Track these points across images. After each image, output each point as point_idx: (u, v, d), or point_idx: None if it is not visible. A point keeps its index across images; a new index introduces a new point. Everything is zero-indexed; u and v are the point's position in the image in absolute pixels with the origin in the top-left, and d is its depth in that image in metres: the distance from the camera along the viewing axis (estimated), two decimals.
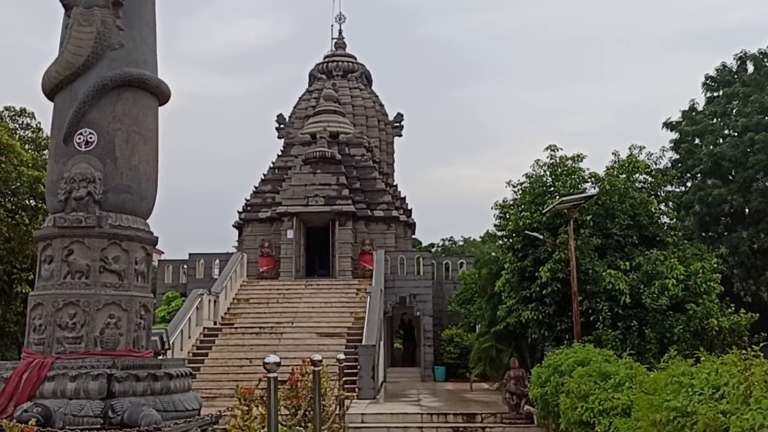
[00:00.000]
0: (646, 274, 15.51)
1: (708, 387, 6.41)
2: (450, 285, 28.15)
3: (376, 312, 20.58)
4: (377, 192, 30.44)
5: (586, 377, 10.91)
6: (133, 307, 7.67)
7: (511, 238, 17.71)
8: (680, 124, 31.91)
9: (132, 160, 7.83)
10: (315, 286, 25.84)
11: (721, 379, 6.45)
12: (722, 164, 28.99)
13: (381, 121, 36.02)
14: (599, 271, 15.60)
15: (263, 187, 30.95)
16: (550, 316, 16.23)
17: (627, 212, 16.77)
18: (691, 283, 15.41)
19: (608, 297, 15.37)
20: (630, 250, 16.66)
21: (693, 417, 6.07)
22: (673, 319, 15.00)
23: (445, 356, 25.37)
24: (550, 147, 18.12)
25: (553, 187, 17.66)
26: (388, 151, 36.34)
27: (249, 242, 29.47)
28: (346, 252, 28.39)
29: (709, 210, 28.64)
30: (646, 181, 18.73)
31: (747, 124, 28.02)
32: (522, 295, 16.84)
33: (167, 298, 25.63)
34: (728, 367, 6.73)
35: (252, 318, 22.79)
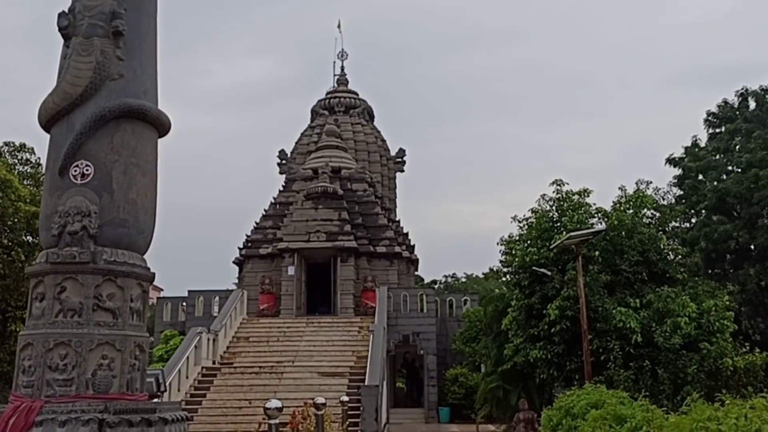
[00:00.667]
0: (657, 312, 15.12)
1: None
2: (454, 323, 27.65)
3: (378, 351, 20.07)
4: (379, 228, 30.15)
5: (600, 421, 10.44)
6: (128, 347, 7.28)
7: (518, 275, 17.36)
8: (683, 160, 31.71)
9: (129, 193, 7.53)
10: (316, 323, 25.36)
11: (752, 426, 6.06)
12: (727, 200, 28.69)
13: (383, 156, 35.94)
14: (609, 308, 15.21)
15: (264, 222, 30.68)
16: (559, 356, 15.79)
17: (636, 248, 16.46)
18: (703, 321, 15.01)
19: (619, 336, 14.96)
20: (640, 287, 16.30)
21: None
22: (686, 358, 14.56)
23: (449, 396, 24.74)
24: (556, 182, 17.92)
25: (560, 223, 17.39)
26: (390, 187, 36.17)
27: (249, 279, 29.06)
28: (348, 289, 27.96)
29: (715, 246, 28.22)
30: (653, 217, 18.46)
31: (751, 160, 27.81)
32: (529, 333, 16.42)
33: (165, 336, 25.13)
34: (758, 411, 6.34)
35: (252, 357, 22.26)
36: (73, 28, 7.58)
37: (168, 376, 17.73)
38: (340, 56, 37.83)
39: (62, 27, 7.58)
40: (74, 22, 7.60)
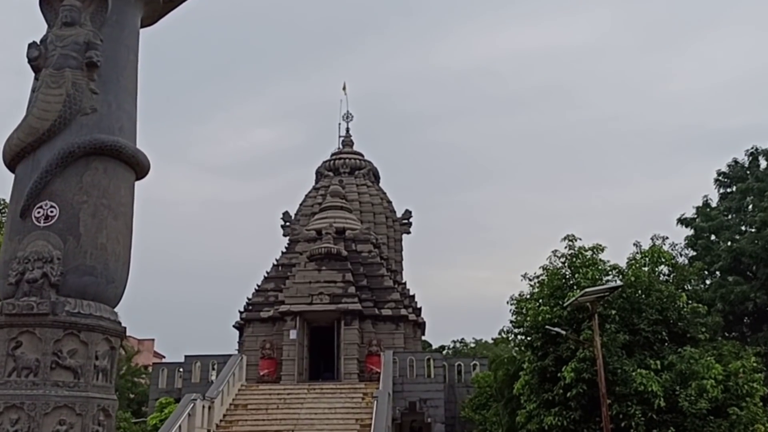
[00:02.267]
0: (680, 374, 14.09)
1: None
2: (463, 389, 26.33)
3: (383, 418, 18.87)
4: (385, 290, 29.22)
5: None
6: (90, 411, 6.43)
7: (530, 335, 16.40)
8: (695, 221, 31.01)
9: (98, 238, 6.82)
10: (318, 390, 24.14)
11: None
12: (742, 260, 27.85)
13: (389, 218, 35.34)
14: (628, 370, 14.19)
15: (266, 285, 29.83)
16: (576, 422, 14.66)
17: (654, 306, 15.55)
18: (731, 383, 13.96)
19: (640, 400, 13.89)
20: (660, 348, 15.33)
21: None
22: (714, 425, 13.46)
23: None
24: (568, 237, 17.15)
25: (573, 280, 16.55)
26: (396, 249, 35.41)
27: (250, 343, 27.99)
28: (352, 353, 26.83)
29: (732, 308, 27.18)
30: (670, 274, 17.59)
31: (765, 219, 27.07)
32: (543, 398, 15.34)
33: (160, 404, 23.93)
34: None
35: (249, 426, 21.03)
36: (44, 60, 7.05)
37: None
38: (345, 118, 37.75)
39: (32, 58, 7.05)
40: (45, 53, 7.08)
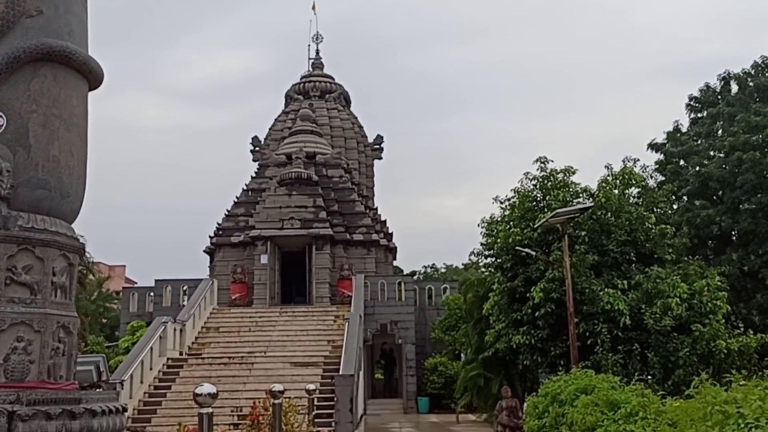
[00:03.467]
0: (646, 294, 14.33)
1: (765, 417, 5.13)
2: (433, 311, 26.76)
3: (354, 340, 19.08)
4: (356, 215, 29.12)
5: (591, 407, 9.61)
6: (49, 328, 6.21)
7: (500, 257, 16.47)
8: (665, 146, 31.14)
9: (50, 149, 6.44)
10: (290, 313, 24.30)
11: None
12: (709, 185, 28.18)
13: (360, 143, 34.88)
14: (596, 290, 14.39)
15: (236, 210, 29.51)
16: (544, 341, 14.94)
17: (623, 227, 15.66)
18: (695, 302, 14.24)
19: (607, 318, 14.14)
20: (627, 268, 15.53)
21: None
22: (677, 341, 13.78)
23: (428, 386, 23.87)
24: (540, 159, 17.02)
25: (544, 202, 16.53)
26: (367, 174, 35.13)
27: (221, 268, 27.90)
28: (324, 277, 26.94)
29: (698, 232, 27.66)
30: (639, 197, 17.67)
31: (734, 144, 27.23)
32: (512, 318, 15.56)
33: (132, 327, 23.95)
34: None
35: (221, 347, 21.16)
36: None
37: (129, 368, 16.68)
38: (315, 39, 36.61)
39: None
40: None
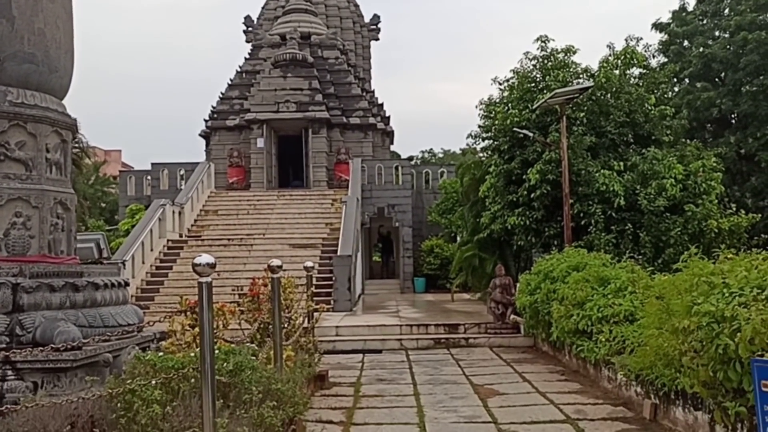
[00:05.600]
0: (642, 175, 14.35)
1: (750, 287, 5.28)
2: (430, 195, 26.98)
3: (352, 222, 19.37)
4: (353, 98, 28.68)
5: (582, 283, 9.89)
6: (46, 204, 6.25)
7: (497, 139, 16.35)
8: (670, 26, 30.19)
9: (35, 21, 6.20)
10: (288, 196, 24.48)
11: (767, 277, 5.33)
12: (712, 66, 27.62)
13: (356, 23, 33.76)
14: (592, 171, 14.40)
15: (230, 93, 28.99)
16: (538, 222, 15.13)
17: (622, 109, 15.44)
18: (690, 183, 14.30)
19: (601, 199, 14.25)
20: (624, 150, 15.46)
21: (733, 322, 4.96)
22: (669, 221, 13.96)
23: (424, 267, 24.49)
24: (541, 38, 16.51)
25: (543, 83, 16.18)
26: (364, 56, 34.26)
27: (217, 152, 27.80)
28: (321, 161, 26.93)
29: (697, 114, 27.42)
30: (641, 77, 17.31)
31: (740, 23, 26.44)
32: (508, 200, 15.66)
33: (130, 210, 24.16)
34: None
35: (220, 230, 21.50)
36: None
37: (130, 249, 16.99)
38: None
39: None
40: None
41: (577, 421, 6.82)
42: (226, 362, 5.55)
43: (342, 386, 8.98)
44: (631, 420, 6.83)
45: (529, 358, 11.28)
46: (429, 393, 8.45)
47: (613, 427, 6.58)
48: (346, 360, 11.35)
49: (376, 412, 7.50)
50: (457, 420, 6.98)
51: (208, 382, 4.16)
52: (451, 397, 8.15)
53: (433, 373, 9.96)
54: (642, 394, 7.12)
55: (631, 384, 7.45)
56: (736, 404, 4.96)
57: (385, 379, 9.58)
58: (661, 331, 6.42)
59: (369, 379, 9.60)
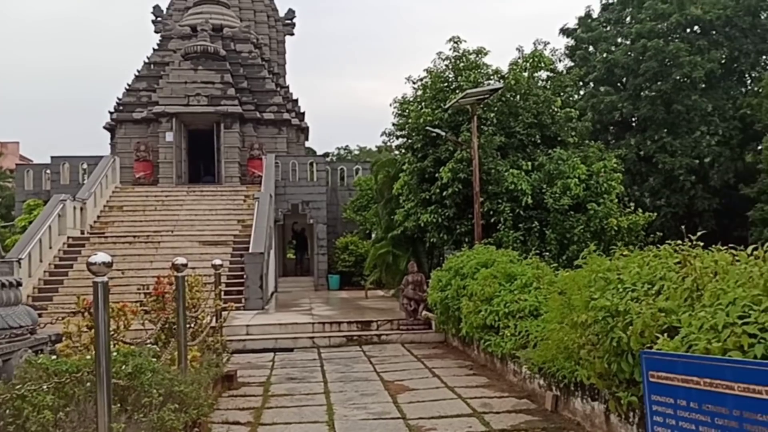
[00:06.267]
0: (548, 174, 14.88)
1: (642, 283, 5.55)
2: (345, 192, 26.98)
3: (264, 218, 19.08)
4: (267, 93, 28.25)
5: (490, 279, 10.13)
6: None
7: (411, 137, 16.52)
8: (576, 31, 31.47)
9: None
10: (198, 192, 23.86)
11: (657, 273, 5.62)
12: (615, 71, 28.98)
13: (271, 17, 33.27)
14: (502, 171, 14.79)
15: (137, 84, 27.93)
16: (450, 219, 15.41)
17: (530, 110, 15.94)
18: (592, 182, 14.93)
19: (510, 198, 14.66)
20: (532, 150, 15.96)
21: (626, 316, 5.20)
22: (573, 219, 14.54)
23: (339, 264, 24.47)
24: (453, 39, 16.81)
25: (455, 83, 16.49)
26: (279, 51, 33.83)
27: (123, 145, 26.71)
28: (233, 157, 26.39)
29: (601, 117, 28.73)
30: (548, 80, 17.93)
31: (640, 31, 27.87)
32: (421, 197, 15.87)
33: (28, 206, 22.90)
34: (663, 259, 5.91)
35: (126, 226, 20.68)
36: None
37: (26, 246, 16.14)
38: None
39: None
40: None
41: (483, 414, 6.98)
42: (125, 365, 5.34)
43: (251, 386, 8.82)
44: (533, 412, 7.05)
45: (440, 354, 11.46)
46: (340, 391, 8.43)
47: (516, 419, 6.76)
48: (257, 359, 11.17)
49: (285, 411, 7.40)
50: (366, 417, 7.00)
51: (103, 385, 3.97)
52: (361, 394, 8.16)
53: (344, 370, 9.94)
54: (544, 387, 7.36)
55: (534, 377, 7.69)
56: (629, 394, 5.20)
57: (296, 377, 9.48)
58: (562, 325, 6.65)
59: (279, 378, 9.48)
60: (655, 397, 3.89)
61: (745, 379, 3.25)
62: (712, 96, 26.77)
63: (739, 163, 26.33)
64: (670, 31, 27.67)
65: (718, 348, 3.79)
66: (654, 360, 3.97)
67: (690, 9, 26.88)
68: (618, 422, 5.62)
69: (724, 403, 3.36)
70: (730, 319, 3.94)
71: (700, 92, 26.50)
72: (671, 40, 26.97)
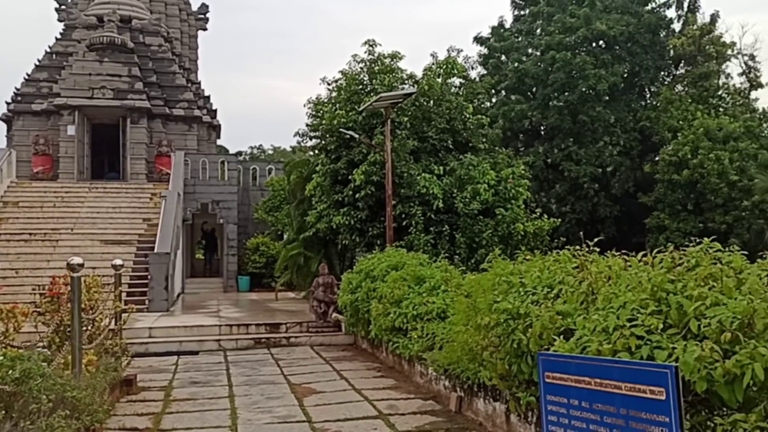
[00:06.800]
0: (459, 179, 15.16)
1: (542, 286, 5.73)
2: (257, 192, 26.56)
3: (171, 217, 18.50)
4: (177, 88, 27.42)
5: (400, 282, 10.21)
6: None
7: (325, 139, 16.45)
8: (489, 40, 32.26)
9: None
10: (101, 189, 22.84)
11: (556, 277, 5.82)
12: (525, 81, 29.88)
13: (183, 10, 32.33)
14: (414, 174, 14.97)
15: (38, 74, 26.48)
16: (363, 221, 15.44)
17: (443, 116, 16.21)
18: (501, 188, 15.34)
19: (422, 201, 14.85)
20: (444, 155, 16.23)
21: (527, 319, 5.35)
22: (482, 223, 14.89)
23: (250, 266, 24.04)
24: (369, 42, 16.86)
25: (370, 86, 16.55)
26: (191, 46, 32.93)
27: (20, 138, 25.26)
28: (140, 153, 25.44)
29: (512, 125, 29.55)
30: (461, 87, 18.30)
31: (550, 43, 28.90)
32: (334, 199, 15.82)
33: None
34: (562, 264, 6.13)
35: (21, 223, 19.51)
36: None
37: None
38: None
39: None
40: None
41: (388, 416, 7.01)
42: (12, 369, 5.04)
43: (152, 391, 8.51)
44: (438, 413, 7.14)
45: (349, 356, 11.45)
46: (245, 394, 8.26)
47: (421, 420, 6.84)
48: (159, 363, 10.79)
49: (187, 416, 7.19)
50: (271, 420, 6.89)
51: None
52: (267, 398, 8.03)
53: (251, 373, 9.76)
54: (449, 388, 7.48)
55: (440, 378, 7.80)
56: (528, 394, 5.36)
57: (200, 381, 9.23)
58: (468, 327, 6.78)
59: (182, 382, 9.19)
60: (550, 397, 4.01)
61: (631, 378, 3.40)
62: (614, 108, 28.07)
63: (638, 172, 27.71)
64: (577, 45, 28.83)
65: (609, 349, 3.95)
66: (550, 361, 4.10)
67: (596, 24, 28.09)
68: (518, 422, 5.78)
69: (613, 402, 3.51)
70: (620, 322, 4.12)
71: (604, 104, 27.73)
72: (578, 53, 28.10)
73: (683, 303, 3.89)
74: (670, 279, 4.19)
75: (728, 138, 24.19)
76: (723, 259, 4.25)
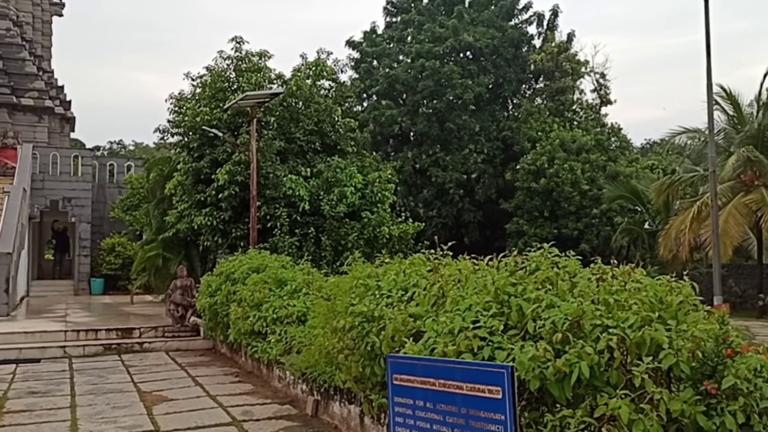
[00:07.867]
0: (326, 182, 15.14)
1: (397, 289, 5.79)
2: (115, 189, 25.11)
3: (15, 214, 17.04)
4: (26, 76, 25.43)
5: (260, 284, 9.99)
6: None
7: (187, 136, 15.84)
8: (361, 45, 32.57)
9: None
10: None
11: (410, 280, 5.90)
12: (396, 87, 30.43)
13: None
14: (280, 176, 14.76)
15: None
16: (226, 222, 15.03)
17: (312, 117, 16.13)
18: (368, 191, 15.48)
19: (288, 203, 14.68)
20: (312, 157, 16.15)
21: (381, 321, 5.38)
22: (348, 226, 14.95)
23: (104, 267, 22.67)
24: (236, 39, 16.49)
25: (237, 84, 16.16)
26: (44, 32, 30.66)
27: None
28: None
29: (382, 129, 29.98)
30: (330, 89, 18.29)
31: (420, 51, 29.62)
32: (196, 199, 15.28)
33: None
34: (417, 267, 6.23)
35: None
36: None
37: None
38: None
39: None
40: None
41: (242, 422, 6.82)
42: None
43: None
44: (294, 417, 7.04)
45: (206, 361, 11.07)
46: (89, 404, 7.74)
47: (276, 426, 6.71)
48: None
49: (20, 429, 6.62)
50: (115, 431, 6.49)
51: None
52: (113, 407, 7.56)
53: (97, 382, 9.16)
54: (307, 392, 7.40)
55: (298, 382, 7.70)
56: (380, 396, 5.38)
57: (39, 391, 8.54)
58: (326, 330, 6.73)
59: (19, 392, 8.47)
60: (398, 398, 4.04)
61: (471, 379, 3.49)
62: (479, 117, 29.23)
63: (500, 180, 29.02)
64: (445, 54, 29.75)
65: (454, 351, 4.04)
66: (398, 363, 4.12)
67: (463, 36, 29.14)
68: (371, 424, 5.80)
69: (454, 402, 3.58)
70: (465, 324, 4.22)
71: (469, 113, 28.80)
72: (446, 63, 29.01)
73: (523, 305, 4.06)
74: (512, 282, 4.35)
75: (581, 150, 25.93)
76: (560, 264, 4.48)
